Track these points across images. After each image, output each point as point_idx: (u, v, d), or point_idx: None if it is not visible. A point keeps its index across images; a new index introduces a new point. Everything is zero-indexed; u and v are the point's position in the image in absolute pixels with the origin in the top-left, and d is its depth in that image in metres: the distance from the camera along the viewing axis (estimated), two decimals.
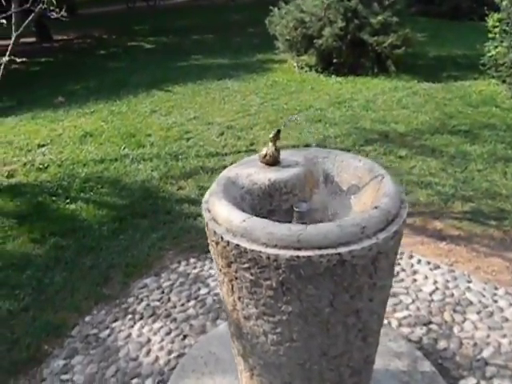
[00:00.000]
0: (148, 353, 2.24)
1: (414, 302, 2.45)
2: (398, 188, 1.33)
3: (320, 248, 1.07)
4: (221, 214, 1.20)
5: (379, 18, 6.01)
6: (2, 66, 3.97)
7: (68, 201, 3.55)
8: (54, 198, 3.59)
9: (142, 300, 2.57)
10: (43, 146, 4.64)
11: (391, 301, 2.44)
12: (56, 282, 2.72)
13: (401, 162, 3.87)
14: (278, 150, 1.42)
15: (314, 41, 6.29)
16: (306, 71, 6.65)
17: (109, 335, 2.36)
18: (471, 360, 2.09)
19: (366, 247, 1.11)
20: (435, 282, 2.58)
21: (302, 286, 1.13)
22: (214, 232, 1.20)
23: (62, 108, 5.82)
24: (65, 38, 11.33)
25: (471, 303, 2.42)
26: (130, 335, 2.35)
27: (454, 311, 2.38)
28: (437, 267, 2.69)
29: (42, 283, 2.72)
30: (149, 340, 2.31)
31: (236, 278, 1.20)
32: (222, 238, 1.17)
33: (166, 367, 2.15)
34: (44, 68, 8.50)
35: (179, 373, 2.03)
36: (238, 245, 1.13)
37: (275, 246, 1.09)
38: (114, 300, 2.59)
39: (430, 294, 2.49)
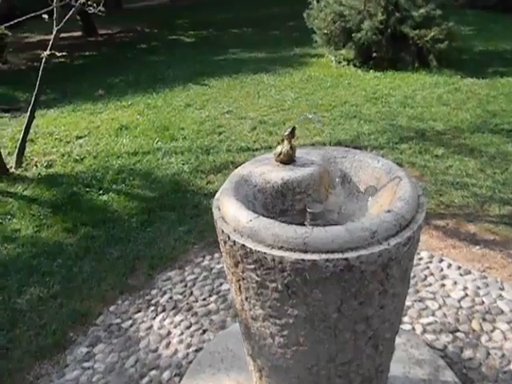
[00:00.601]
0: (168, 345, 2.27)
1: (440, 307, 2.36)
2: (416, 191, 1.26)
3: (327, 252, 1.04)
4: (229, 212, 1.19)
5: (421, 10, 5.79)
6: (44, 60, 4.11)
7: (101, 192, 3.64)
8: (87, 189, 3.69)
9: (165, 292, 2.61)
10: (81, 137, 4.78)
11: (417, 306, 2.37)
12: (84, 271, 2.80)
13: (437, 162, 3.72)
14: (293, 148, 1.39)
15: (353, 34, 6.15)
16: (343, 66, 6.52)
17: (131, 325, 2.40)
18: (498, 372, 1.99)
19: (376, 253, 1.06)
20: (465, 288, 2.47)
21: (307, 290, 1.10)
22: (222, 231, 1.19)
23: (101, 101, 5.97)
24: (109, 32, 11.60)
25: (502, 312, 2.31)
26: (151, 327, 2.38)
27: (483, 320, 2.27)
28: (468, 273, 2.58)
29: (71, 272, 2.80)
30: (169, 333, 2.34)
31: (243, 279, 1.18)
32: (229, 237, 1.16)
33: (184, 360, 2.17)
34: (87, 61, 8.75)
35: (195, 367, 2.05)
36: (243, 245, 1.11)
37: (281, 248, 1.07)
38: (138, 291, 2.64)
39: (459, 301, 2.39)
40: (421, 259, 2.70)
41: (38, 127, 5.19)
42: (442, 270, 2.62)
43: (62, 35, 11.57)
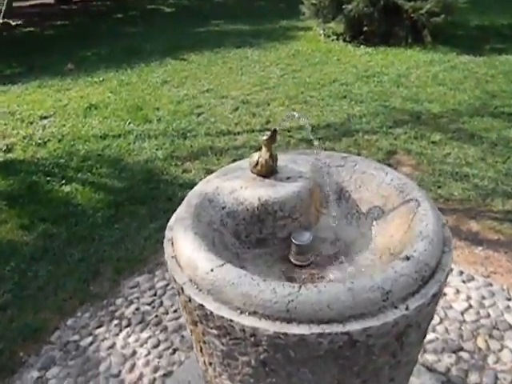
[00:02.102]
0: (132, 368, 1.97)
1: (442, 321, 2.10)
2: (439, 220, 0.95)
3: (320, 322, 0.73)
4: (184, 253, 0.87)
5: None
6: None
7: (63, 182, 3.26)
8: (48, 178, 3.31)
9: (131, 302, 2.30)
10: (46, 117, 4.36)
11: None
12: (40, 277, 2.47)
13: (434, 149, 3.42)
14: (273, 156, 1.06)
15: (343, 6, 5.73)
16: (332, 40, 6.11)
17: (91, 343, 2.10)
18: None
19: (390, 322, 0.76)
20: (468, 298, 2.21)
21: (292, 369, 0.80)
22: (174, 279, 0.86)
23: (70, 76, 5.49)
24: None
25: (510, 327, 2.05)
26: (113, 345, 2.08)
27: (490, 336, 2.02)
28: (471, 279, 2.32)
29: (25, 277, 2.47)
30: (134, 352, 2.04)
31: (204, 342, 0.87)
32: (182, 289, 0.84)
33: None
34: (58, 32, 8.15)
35: None
36: (202, 305, 0.79)
37: (254, 314, 0.76)
38: (100, 300, 2.32)
39: (462, 313, 2.13)
40: None
41: (1, 104, 4.74)
42: None
43: (32, 2, 10.82)
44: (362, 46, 5.76)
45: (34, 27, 8.49)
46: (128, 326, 2.17)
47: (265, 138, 1.05)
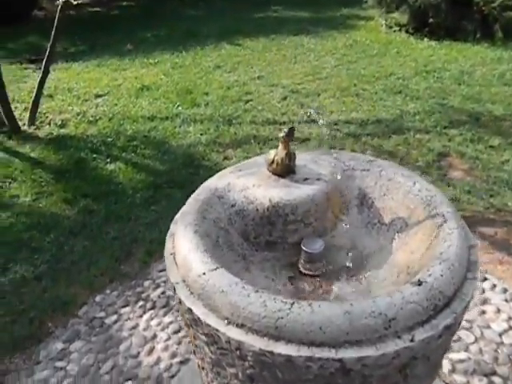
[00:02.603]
0: (151, 351, 1.99)
1: (476, 341, 1.95)
2: (466, 242, 0.85)
3: (310, 344, 0.67)
4: (181, 251, 0.83)
5: None
6: (59, 9, 3.77)
7: (108, 160, 3.34)
8: (95, 156, 3.41)
9: (158, 285, 2.32)
10: (100, 96, 4.48)
11: None
12: (76, 252, 2.54)
13: (491, 154, 3.19)
14: (290, 155, 0.99)
15: None
16: (394, 31, 5.84)
17: (115, 322, 2.14)
18: None
19: (390, 353, 0.68)
20: (509, 319, 2.04)
21: None
22: (169, 277, 0.83)
23: (128, 56, 5.62)
24: None
25: None
26: (136, 326, 2.11)
27: None
28: None
29: (62, 250, 2.55)
30: (155, 336, 2.06)
31: (196, 346, 0.83)
32: (174, 289, 0.80)
33: (166, 373, 1.89)
34: (123, 12, 8.37)
35: None
36: (191, 309, 0.75)
37: (241, 327, 0.71)
38: (129, 280, 2.36)
39: (500, 335, 1.97)
40: None
41: (60, 81, 4.93)
42: (483, 291, 2.19)
43: None
44: (425, 39, 5.46)
45: (101, 7, 8.76)
46: (152, 308, 2.19)
47: (281, 135, 0.99)
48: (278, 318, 0.70)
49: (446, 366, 1.85)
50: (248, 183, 0.99)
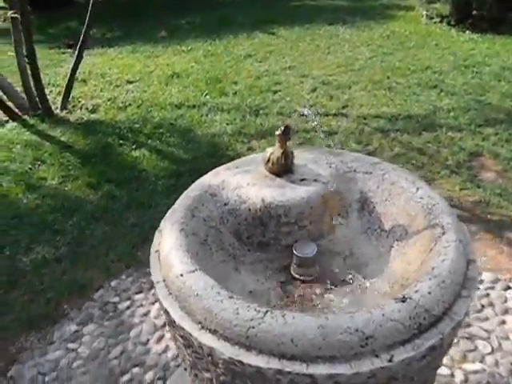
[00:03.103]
0: (160, 339, 2.01)
1: (493, 352, 1.87)
2: (463, 258, 0.79)
3: (281, 357, 0.64)
4: (164, 249, 0.81)
5: None
6: None
7: (134, 146, 3.38)
8: (121, 142, 3.45)
9: None
10: (131, 82, 4.53)
11: (463, 344, 1.89)
12: (96, 236, 2.59)
13: None
14: (287, 154, 0.96)
15: None
16: (434, 22, 5.61)
17: (128, 307, 2.18)
18: None
19: (365, 373, 0.65)
20: None
21: None
22: (151, 275, 0.82)
23: (162, 43, 5.66)
24: None
25: None
26: (148, 313, 2.14)
27: None
28: None
29: (83, 234, 2.61)
30: (165, 324, 2.07)
31: (178, 347, 0.82)
32: (155, 288, 0.79)
33: (173, 362, 1.91)
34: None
35: (179, 377, 1.76)
36: (167, 311, 0.74)
37: (213, 333, 0.69)
38: (145, 267, 2.38)
39: None
40: (481, 282, 2.18)
41: (95, 66, 5.02)
42: (505, 300, 2.09)
43: None
44: (466, 32, 5.23)
45: None
46: None
47: (278, 133, 0.95)
48: (250, 327, 0.68)
49: (458, 376, 1.79)
50: (242, 181, 0.96)
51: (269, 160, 0.97)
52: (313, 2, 7.08)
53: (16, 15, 3.45)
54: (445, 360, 1.84)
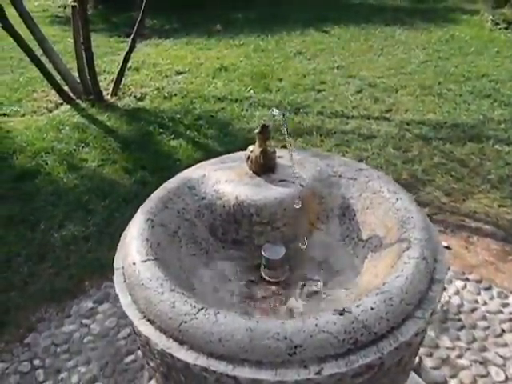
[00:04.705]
0: None
1: (507, 381, 1.76)
2: (424, 277, 0.75)
3: (209, 355, 0.64)
4: (126, 237, 0.83)
5: None
6: None
7: (173, 136, 3.47)
8: (161, 130, 3.55)
9: None
10: (181, 73, 4.64)
11: (475, 369, 1.80)
12: (124, 219, 2.66)
13: None
14: (267, 153, 0.95)
15: None
16: (499, 29, 5.30)
17: None
18: None
19: (290, 382, 0.63)
20: None
21: None
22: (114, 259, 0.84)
23: (216, 36, 5.73)
24: None
25: None
26: None
27: None
28: None
29: (113, 216, 2.71)
30: None
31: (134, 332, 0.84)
32: (113, 272, 0.81)
33: None
34: None
35: None
36: (118, 296, 0.76)
37: (152, 323, 0.70)
38: None
39: None
40: (506, 306, 2.05)
41: (149, 56, 5.18)
42: None
43: None
44: None
45: None
46: None
47: (257, 131, 0.95)
48: (182, 321, 0.68)
49: None
50: (222, 177, 0.96)
51: (248, 158, 0.97)
52: (372, 0, 6.90)
53: (75, 3, 3.62)
54: (453, 382, 1.76)
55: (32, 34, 3.81)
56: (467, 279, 2.19)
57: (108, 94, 4.21)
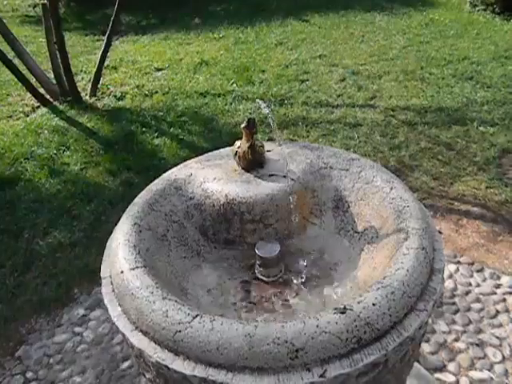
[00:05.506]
0: None
1: (504, 361, 1.77)
2: (426, 266, 0.73)
3: (207, 365, 0.61)
4: (112, 244, 0.79)
5: None
6: None
7: (156, 134, 3.40)
8: (144, 129, 3.48)
9: None
10: (160, 70, 4.56)
11: (472, 351, 1.80)
12: (111, 222, 2.61)
13: None
14: (254, 148, 0.91)
15: None
16: (478, 10, 5.31)
17: None
18: None
19: None
20: None
21: None
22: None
23: (195, 30, 5.65)
24: None
25: None
26: None
27: None
28: None
29: (99, 220, 2.65)
30: None
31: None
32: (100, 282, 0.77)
33: None
34: None
35: None
36: (107, 307, 0.72)
37: (145, 334, 0.66)
38: None
39: None
40: (498, 287, 2.06)
41: (127, 53, 5.09)
42: None
43: None
44: None
45: None
46: None
47: (243, 125, 0.91)
48: (177, 331, 0.65)
49: (464, 383, 1.70)
50: (209, 175, 0.92)
51: (236, 154, 0.93)
52: None
53: (45, 1, 3.51)
54: (450, 365, 1.76)
55: (2, 36, 3.70)
56: (459, 262, 2.19)
57: (86, 94, 4.12)
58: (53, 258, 2.41)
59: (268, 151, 0.99)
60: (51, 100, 3.97)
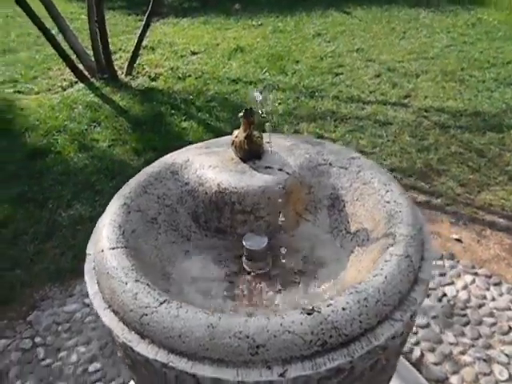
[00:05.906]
0: None
1: (509, 380, 1.71)
2: (408, 275, 0.70)
3: (170, 351, 0.61)
4: (99, 223, 0.80)
5: None
6: None
7: (184, 118, 3.43)
8: (173, 111, 3.52)
9: None
10: (196, 53, 4.58)
11: (478, 366, 1.74)
12: None
13: None
14: (252, 139, 0.90)
15: None
16: None
17: None
18: None
19: (251, 383, 0.59)
20: None
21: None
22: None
23: (234, 16, 5.63)
24: None
25: None
26: None
27: None
28: None
29: None
30: None
31: None
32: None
33: None
34: None
35: None
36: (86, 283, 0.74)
37: (116, 314, 0.67)
38: None
39: None
40: None
41: (166, 35, 5.13)
42: None
43: None
44: None
45: None
46: None
47: (240, 115, 0.90)
48: (143, 314, 0.65)
49: None
50: (206, 163, 0.92)
51: (233, 143, 0.92)
52: None
53: None
54: (454, 379, 1.72)
55: (47, 11, 3.80)
56: (476, 274, 2.12)
57: (122, 73, 4.19)
58: (73, 229, 2.48)
59: (267, 142, 0.98)
60: (89, 76, 4.06)
